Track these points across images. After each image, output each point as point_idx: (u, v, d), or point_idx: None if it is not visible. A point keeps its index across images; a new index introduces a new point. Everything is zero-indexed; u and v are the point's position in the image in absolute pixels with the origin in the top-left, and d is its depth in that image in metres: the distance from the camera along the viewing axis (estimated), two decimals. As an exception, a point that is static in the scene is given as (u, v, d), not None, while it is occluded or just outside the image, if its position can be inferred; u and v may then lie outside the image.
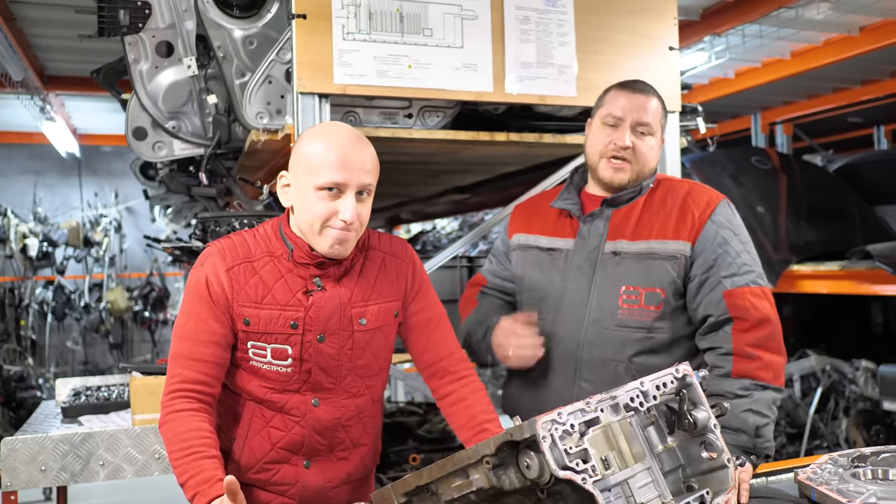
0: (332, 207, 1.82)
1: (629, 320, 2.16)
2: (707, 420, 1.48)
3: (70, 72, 5.79)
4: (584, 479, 1.29)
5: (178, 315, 1.92)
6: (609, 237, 2.23)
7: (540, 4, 2.82)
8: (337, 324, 1.92)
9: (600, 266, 2.21)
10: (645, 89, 2.28)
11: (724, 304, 2.09)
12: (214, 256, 1.89)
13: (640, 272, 2.17)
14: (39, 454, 2.46)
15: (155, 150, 2.97)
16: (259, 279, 1.88)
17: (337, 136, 1.87)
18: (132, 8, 2.75)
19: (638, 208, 2.24)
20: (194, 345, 1.85)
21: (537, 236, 2.37)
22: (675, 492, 1.47)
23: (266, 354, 1.89)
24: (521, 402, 2.31)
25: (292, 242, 1.90)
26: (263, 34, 2.84)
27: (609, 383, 1.69)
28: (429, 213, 6.60)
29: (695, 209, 2.19)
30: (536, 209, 2.46)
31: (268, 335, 1.88)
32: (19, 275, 8.68)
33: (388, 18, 2.62)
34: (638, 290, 2.16)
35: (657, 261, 2.16)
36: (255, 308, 1.87)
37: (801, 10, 4.21)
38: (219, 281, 1.86)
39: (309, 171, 1.83)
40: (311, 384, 1.92)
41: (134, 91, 2.89)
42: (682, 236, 2.16)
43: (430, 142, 2.86)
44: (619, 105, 2.25)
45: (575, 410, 1.35)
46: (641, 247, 2.18)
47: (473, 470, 1.41)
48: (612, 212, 2.26)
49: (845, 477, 1.64)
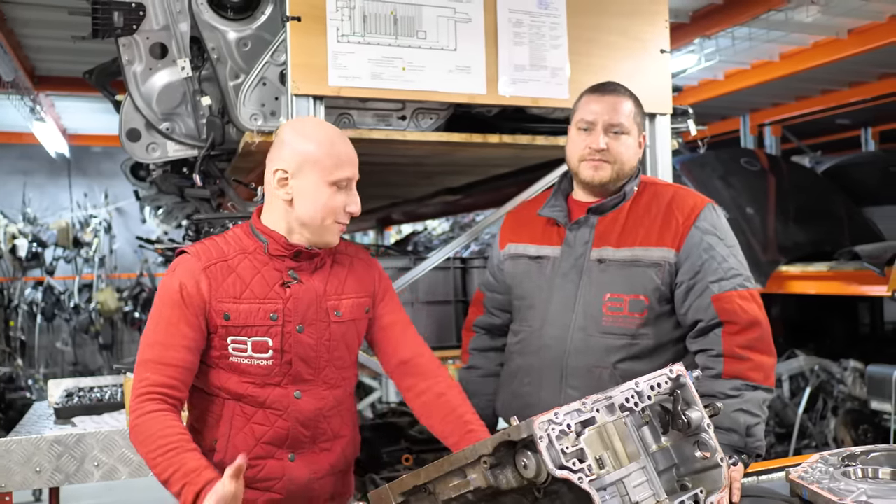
0: (343, 200, 1.95)
1: (613, 327, 2.18)
2: (701, 420, 1.51)
3: (60, 72, 5.77)
4: (580, 478, 1.31)
5: (147, 322, 1.94)
6: (594, 244, 2.25)
7: (533, 7, 2.84)
8: (314, 315, 1.99)
9: (586, 273, 2.23)
10: (615, 90, 2.30)
11: (713, 309, 2.11)
12: (189, 260, 1.94)
13: (624, 280, 2.18)
14: (34, 455, 2.46)
15: (149, 152, 2.97)
16: (236, 276, 1.94)
17: (335, 133, 2.01)
18: (126, 10, 2.74)
19: (623, 214, 2.26)
20: (164, 349, 1.87)
21: (526, 245, 2.39)
22: (668, 491, 1.49)
23: (247, 348, 1.93)
24: (511, 408, 2.31)
25: (267, 236, 1.98)
26: (257, 36, 2.84)
27: (595, 390, 1.68)
28: (420, 213, 6.60)
29: (679, 215, 2.20)
30: (524, 217, 2.48)
31: (248, 328, 1.92)
32: (8, 275, 8.64)
33: (383, 21, 2.63)
34: (622, 298, 2.17)
35: (641, 268, 2.18)
36: (234, 303, 1.91)
37: (790, 12, 4.24)
38: (194, 282, 1.90)
39: (322, 168, 1.93)
40: (291, 376, 1.97)
41: (128, 93, 2.88)
42: (666, 243, 2.18)
43: (424, 144, 2.87)
44: (590, 109, 2.28)
45: (571, 411, 1.37)
46: (626, 254, 2.20)
47: (471, 470, 1.42)
48: (598, 219, 2.28)
49: (836, 476, 1.67)
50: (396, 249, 4.41)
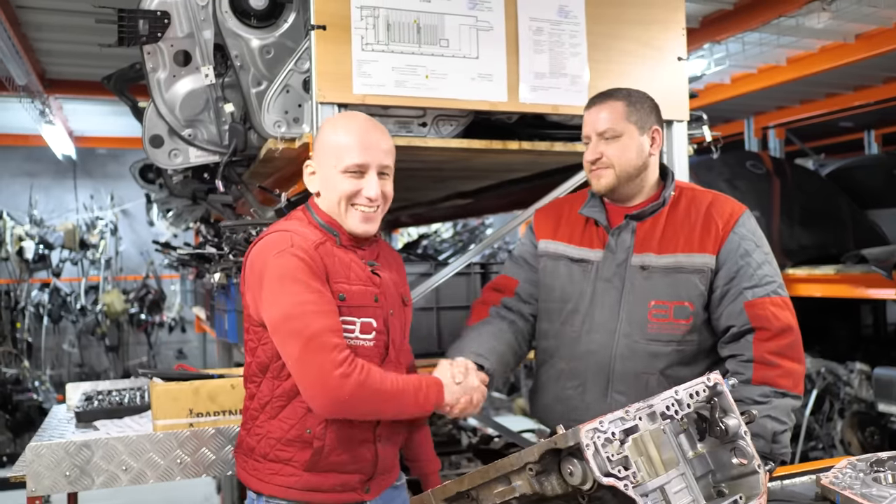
0: (357, 185, 1.98)
1: (659, 334, 2.22)
2: (738, 427, 1.53)
3: (69, 75, 5.79)
4: (626, 485, 1.34)
5: (281, 305, 1.88)
6: (636, 250, 2.28)
7: (553, 15, 2.87)
8: (394, 300, 2.09)
9: (629, 279, 2.26)
10: (604, 98, 2.36)
11: (745, 315, 2.15)
12: (295, 237, 1.94)
13: (668, 286, 2.22)
14: (64, 459, 2.48)
15: (171, 158, 3.00)
16: (338, 259, 1.99)
17: (356, 122, 2.06)
18: (151, 18, 2.77)
19: (662, 220, 2.29)
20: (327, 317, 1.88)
21: (566, 245, 2.42)
22: (706, 496, 1.52)
23: (355, 329, 1.97)
24: (554, 412, 2.35)
25: (336, 229, 2.03)
26: (280, 44, 2.87)
27: (642, 395, 1.78)
28: (429, 217, 6.62)
29: (718, 220, 2.24)
30: (562, 215, 2.50)
31: (359, 308, 1.98)
32: (15, 277, 8.65)
33: (406, 29, 2.66)
34: (667, 305, 2.21)
35: (685, 274, 2.22)
36: (347, 283, 1.97)
37: (801, 18, 4.27)
38: (313, 256, 1.93)
39: (334, 156, 1.99)
40: (382, 357, 2.03)
41: (151, 99, 2.91)
42: (707, 249, 2.22)
43: (444, 150, 2.90)
44: (585, 123, 2.36)
45: (615, 419, 1.40)
46: (669, 260, 2.23)
47: (516, 476, 1.45)
48: (637, 224, 2.31)
49: (867, 482, 1.70)
50: (416, 254, 4.45)
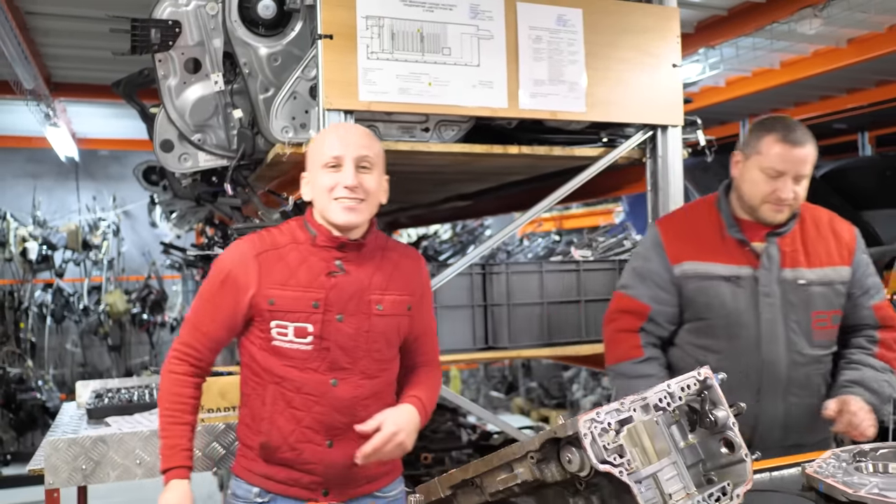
0: (335, 178, 2.07)
1: (823, 341, 2.50)
2: (726, 419, 1.62)
3: (74, 79, 5.87)
4: (620, 472, 1.43)
5: (198, 291, 2.17)
6: (784, 264, 2.48)
7: (551, 24, 2.97)
8: (356, 306, 2.11)
9: (788, 293, 2.48)
10: (804, 142, 2.43)
11: (874, 316, 2.55)
12: (244, 244, 2.13)
13: (822, 297, 2.48)
14: (80, 454, 2.57)
15: (181, 162, 3.09)
16: (285, 264, 2.09)
17: (336, 124, 2.26)
18: (163, 27, 2.87)
19: (797, 235, 2.52)
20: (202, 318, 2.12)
21: (714, 264, 2.52)
22: (696, 483, 1.61)
23: (288, 333, 2.07)
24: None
25: (315, 229, 2.12)
26: (287, 52, 2.96)
27: (813, 397, 2.44)
28: (429, 218, 6.71)
29: (845, 235, 2.54)
30: (698, 235, 2.58)
31: (291, 314, 2.07)
32: (19, 278, 8.71)
33: (410, 38, 2.76)
34: (826, 314, 2.49)
35: (835, 285, 2.49)
36: (280, 289, 2.07)
37: (793, 24, 4.36)
38: (244, 267, 2.07)
39: (317, 156, 2.10)
40: (329, 362, 2.09)
41: (162, 105, 3.00)
42: (844, 261, 2.51)
43: (446, 154, 3.00)
44: (782, 160, 2.40)
45: (611, 410, 1.48)
46: (820, 273, 2.49)
47: (518, 464, 1.54)
48: (777, 240, 2.50)
49: (849, 471, 1.79)
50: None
